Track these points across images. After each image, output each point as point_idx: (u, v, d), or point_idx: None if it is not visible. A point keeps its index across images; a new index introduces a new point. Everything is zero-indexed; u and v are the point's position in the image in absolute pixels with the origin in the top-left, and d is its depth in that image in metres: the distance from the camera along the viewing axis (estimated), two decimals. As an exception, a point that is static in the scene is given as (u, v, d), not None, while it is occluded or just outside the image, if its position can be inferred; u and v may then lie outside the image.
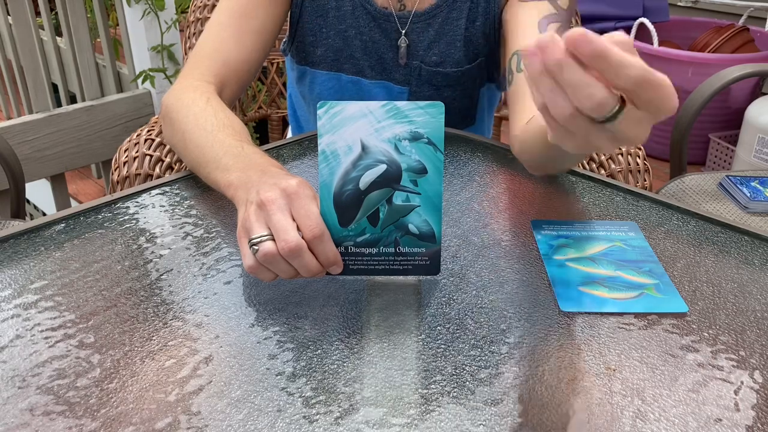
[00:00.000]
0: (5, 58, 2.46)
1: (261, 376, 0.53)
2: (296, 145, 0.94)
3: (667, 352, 0.56)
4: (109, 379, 0.52)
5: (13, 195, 1.32)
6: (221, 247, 0.69)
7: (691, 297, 0.63)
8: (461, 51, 0.97)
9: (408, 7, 0.96)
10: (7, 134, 1.96)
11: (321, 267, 0.58)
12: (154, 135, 1.04)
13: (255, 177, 0.64)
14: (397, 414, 0.49)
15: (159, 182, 0.82)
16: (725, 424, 0.49)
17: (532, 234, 0.72)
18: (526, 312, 0.60)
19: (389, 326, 0.59)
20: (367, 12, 0.96)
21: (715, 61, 2.46)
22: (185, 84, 0.85)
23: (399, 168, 0.58)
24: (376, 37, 0.97)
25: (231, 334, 0.57)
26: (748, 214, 1.27)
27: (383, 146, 0.57)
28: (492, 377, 0.53)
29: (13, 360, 0.54)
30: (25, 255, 0.68)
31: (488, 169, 0.88)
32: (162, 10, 2.09)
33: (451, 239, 0.71)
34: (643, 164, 1.02)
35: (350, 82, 1.00)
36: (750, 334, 0.58)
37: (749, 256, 0.69)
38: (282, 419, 0.49)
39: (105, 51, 2.23)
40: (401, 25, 0.96)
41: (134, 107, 2.23)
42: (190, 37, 1.35)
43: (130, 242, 0.70)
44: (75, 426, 0.48)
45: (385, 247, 0.61)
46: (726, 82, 1.40)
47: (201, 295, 0.62)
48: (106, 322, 0.58)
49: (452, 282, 0.64)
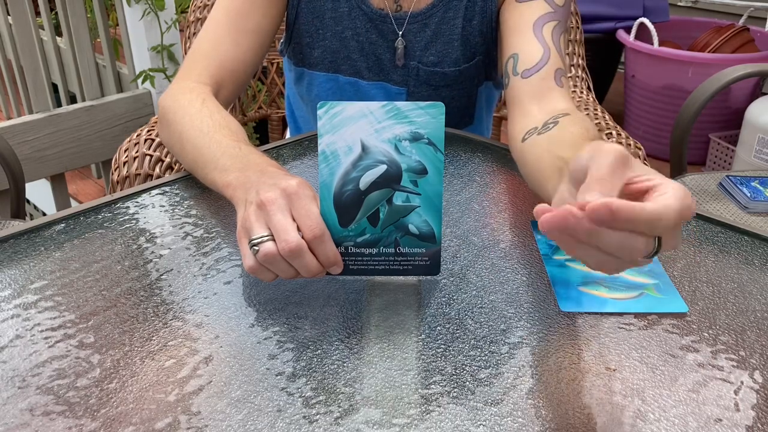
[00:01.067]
0: (5, 58, 2.46)
1: (261, 376, 0.53)
2: (296, 145, 0.94)
3: (667, 352, 0.56)
4: (109, 379, 0.52)
5: (13, 195, 1.32)
6: (221, 247, 0.69)
7: (691, 297, 0.63)
8: (459, 50, 0.97)
9: (404, 7, 0.96)
10: (7, 134, 1.96)
11: (321, 267, 0.58)
12: (154, 135, 1.04)
13: (254, 177, 0.64)
14: (397, 414, 0.49)
15: (159, 182, 0.82)
16: (725, 424, 0.49)
17: (532, 234, 0.72)
18: (526, 312, 0.60)
19: (389, 326, 0.59)
20: (364, 13, 0.96)
21: (715, 61, 2.45)
22: (181, 85, 0.86)
23: (399, 168, 0.58)
24: (372, 39, 0.97)
25: (231, 334, 0.57)
26: (748, 214, 1.27)
27: (383, 147, 0.57)
28: (492, 377, 0.53)
29: (13, 360, 0.54)
30: (25, 255, 0.68)
31: (488, 169, 0.88)
32: (162, 10, 2.09)
33: (451, 239, 0.71)
34: (643, 164, 1.02)
35: (348, 84, 1.00)
36: (750, 334, 0.58)
37: (749, 256, 0.69)
38: (282, 419, 0.49)
39: (105, 51, 2.23)
40: (398, 26, 0.96)
41: (134, 107, 2.23)
42: (190, 37, 1.35)
43: (130, 242, 0.70)
44: (75, 426, 0.48)
45: (385, 248, 0.61)
46: (726, 82, 1.40)
47: (201, 295, 0.62)
48: (106, 322, 0.58)
49: (452, 282, 0.64)
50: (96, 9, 2.18)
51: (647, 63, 2.59)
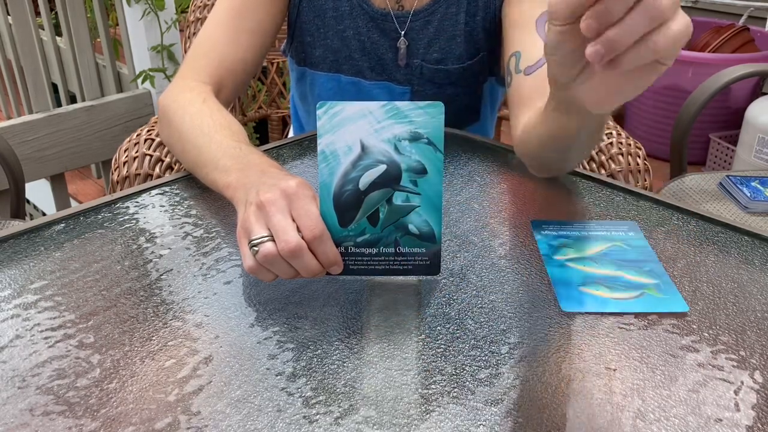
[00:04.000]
0: (5, 58, 2.46)
1: (261, 376, 0.53)
2: (296, 145, 0.94)
3: (667, 352, 0.56)
4: (109, 379, 0.52)
5: (13, 195, 1.32)
6: (221, 247, 0.69)
7: (691, 297, 0.63)
8: (462, 46, 0.96)
9: (406, 6, 0.96)
10: (7, 134, 1.96)
11: (321, 267, 0.58)
12: (153, 135, 1.04)
13: (254, 177, 0.64)
14: (397, 414, 0.49)
15: (159, 182, 0.82)
16: (725, 424, 0.49)
17: (532, 234, 0.72)
18: (526, 312, 0.60)
19: (389, 326, 0.59)
20: (365, 12, 0.96)
21: (715, 61, 2.46)
22: (181, 85, 0.85)
23: (399, 168, 0.58)
24: (374, 38, 0.97)
25: (231, 334, 0.57)
26: (748, 214, 1.27)
27: (383, 146, 0.57)
28: (492, 377, 0.53)
29: (13, 360, 0.54)
30: (25, 255, 0.68)
31: (488, 169, 0.88)
32: (162, 10, 2.09)
33: (451, 239, 0.71)
34: (644, 164, 1.02)
35: (350, 83, 1.00)
36: (750, 334, 0.58)
37: (749, 256, 0.69)
38: (282, 419, 0.49)
39: (105, 51, 2.23)
40: (400, 25, 0.96)
41: (134, 107, 2.23)
42: (190, 37, 1.35)
43: (130, 242, 0.70)
44: (75, 426, 0.48)
45: (385, 247, 0.61)
46: (726, 82, 1.40)
47: (201, 295, 0.62)
48: (106, 322, 0.58)
49: (452, 282, 0.64)
50: (96, 9, 2.18)
51: (647, 63, 2.58)
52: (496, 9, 0.94)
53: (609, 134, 1.07)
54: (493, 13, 0.95)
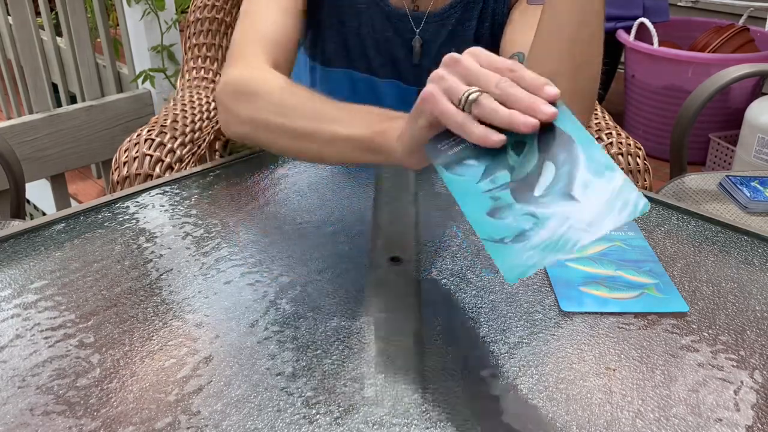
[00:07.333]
0: (5, 58, 2.46)
1: (261, 376, 0.53)
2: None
3: (667, 352, 0.56)
4: (109, 379, 0.52)
5: (13, 195, 1.32)
6: (221, 247, 0.69)
7: (691, 297, 0.63)
8: None
9: (421, 7, 0.96)
10: (7, 134, 1.96)
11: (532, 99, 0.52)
12: (154, 135, 1.04)
13: (399, 112, 0.63)
14: (397, 414, 0.49)
15: (159, 182, 0.83)
16: (725, 423, 0.49)
17: (532, 234, 0.72)
18: (526, 312, 0.60)
19: (389, 326, 0.59)
20: (381, 10, 0.96)
21: (715, 61, 2.45)
22: (245, 64, 0.83)
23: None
24: (389, 36, 0.97)
25: (231, 334, 0.57)
26: (748, 214, 1.27)
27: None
28: (492, 377, 0.53)
29: (13, 360, 0.54)
30: (25, 255, 0.68)
31: (488, 169, 0.88)
32: (162, 10, 2.09)
33: (451, 239, 0.71)
34: (643, 164, 1.02)
35: (362, 81, 1.01)
36: (750, 334, 0.58)
37: (749, 256, 0.69)
38: (282, 419, 0.49)
39: (105, 51, 2.23)
40: (415, 25, 0.96)
41: (134, 107, 2.23)
42: (190, 37, 1.35)
43: (130, 242, 0.70)
44: (75, 426, 0.48)
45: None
46: (726, 82, 1.40)
47: (201, 295, 0.62)
48: (106, 322, 0.58)
49: (452, 282, 0.64)
50: (96, 9, 2.18)
51: (647, 63, 2.59)
52: (504, 16, 0.95)
53: (609, 134, 1.07)
54: (501, 20, 0.95)
